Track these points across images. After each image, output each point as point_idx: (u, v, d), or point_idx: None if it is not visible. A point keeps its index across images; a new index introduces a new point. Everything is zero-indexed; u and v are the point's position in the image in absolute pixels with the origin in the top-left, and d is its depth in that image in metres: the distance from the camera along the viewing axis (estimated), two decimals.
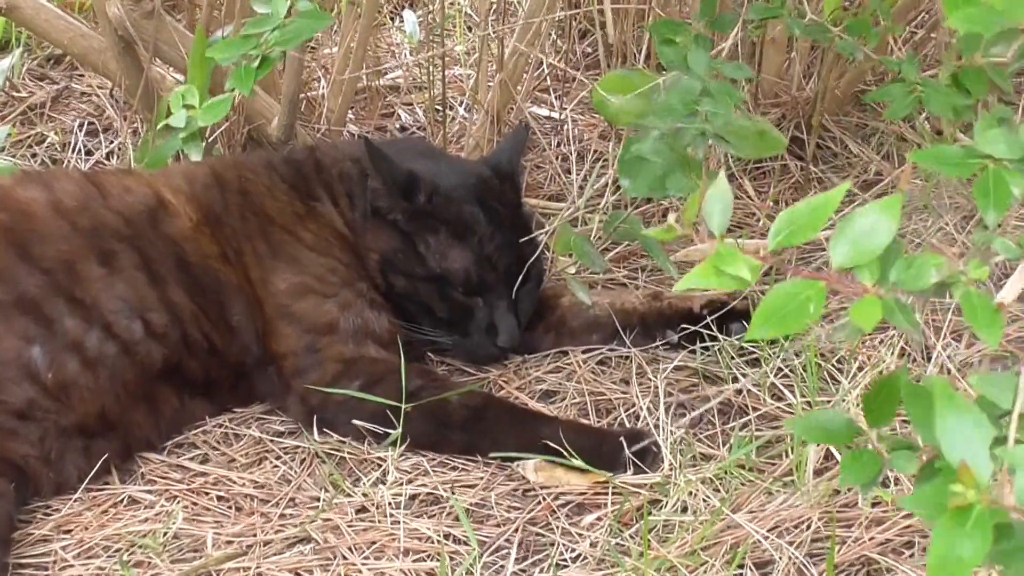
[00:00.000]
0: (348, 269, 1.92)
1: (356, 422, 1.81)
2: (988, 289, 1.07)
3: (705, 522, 1.61)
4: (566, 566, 1.61)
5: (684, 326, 1.96)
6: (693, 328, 1.95)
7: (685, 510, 1.66)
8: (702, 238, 0.98)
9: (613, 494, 1.70)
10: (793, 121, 2.37)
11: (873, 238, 0.98)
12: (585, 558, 1.61)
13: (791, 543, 1.59)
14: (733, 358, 1.92)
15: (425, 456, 1.79)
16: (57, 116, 2.56)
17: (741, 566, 1.56)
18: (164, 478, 1.78)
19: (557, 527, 1.66)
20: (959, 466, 0.92)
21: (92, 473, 1.74)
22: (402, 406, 1.78)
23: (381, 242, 1.93)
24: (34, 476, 1.72)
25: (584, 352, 1.98)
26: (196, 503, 1.74)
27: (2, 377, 1.71)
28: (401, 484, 1.73)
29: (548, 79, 2.56)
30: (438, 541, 1.64)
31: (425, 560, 1.62)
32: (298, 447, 1.83)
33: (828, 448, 1.71)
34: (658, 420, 1.82)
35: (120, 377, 1.78)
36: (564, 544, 1.64)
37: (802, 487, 1.66)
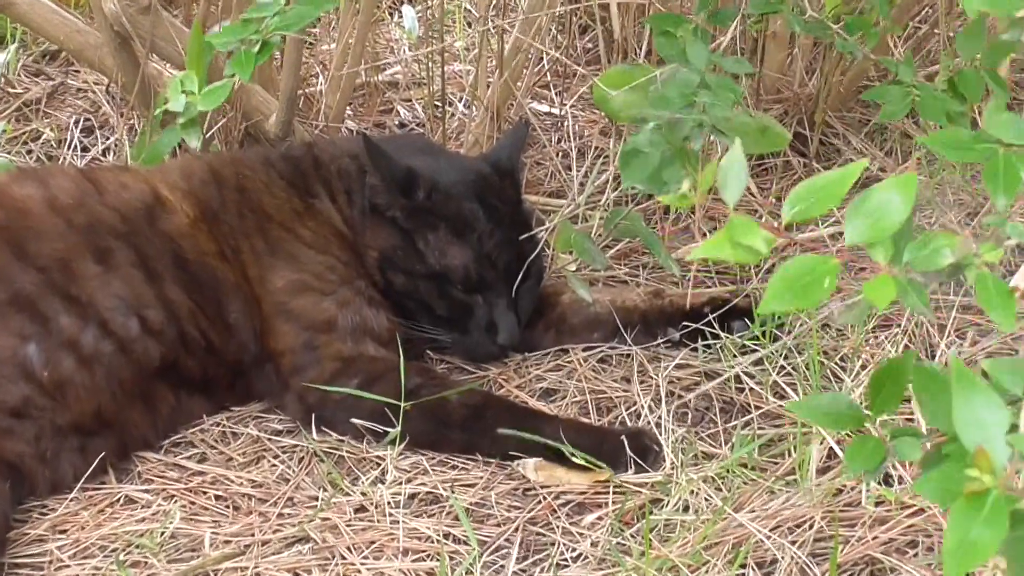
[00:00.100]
0: (346, 267, 1.92)
1: (355, 420, 1.80)
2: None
3: (707, 521, 1.60)
4: (567, 566, 1.60)
5: (686, 324, 1.95)
6: (695, 326, 1.95)
7: (687, 509, 1.65)
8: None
9: (614, 493, 1.70)
10: (795, 117, 2.36)
11: (888, 215, 0.97)
12: (586, 558, 1.61)
13: (794, 542, 1.58)
14: (735, 356, 1.91)
15: (424, 455, 1.79)
16: (53, 112, 2.56)
17: (743, 566, 1.56)
18: (161, 477, 1.77)
19: (558, 526, 1.66)
20: (975, 450, 0.90)
21: (88, 472, 1.74)
22: (401, 404, 1.77)
23: (380, 239, 1.93)
24: (30, 475, 1.71)
25: (585, 350, 1.98)
26: (193, 502, 1.73)
27: None
28: (400, 483, 1.73)
29: (548, 75, 2.55)
30: (438, 541, 1.64)
31: (425, 560, 1.62)
32: (296, 446, 1.82)
33: (831, 447, 1.70)
34: (659, 419, 1.81)
35: (116, 375, 1.77)
36: (565, 544, 1.63)
37: (805, 486, 1.66)
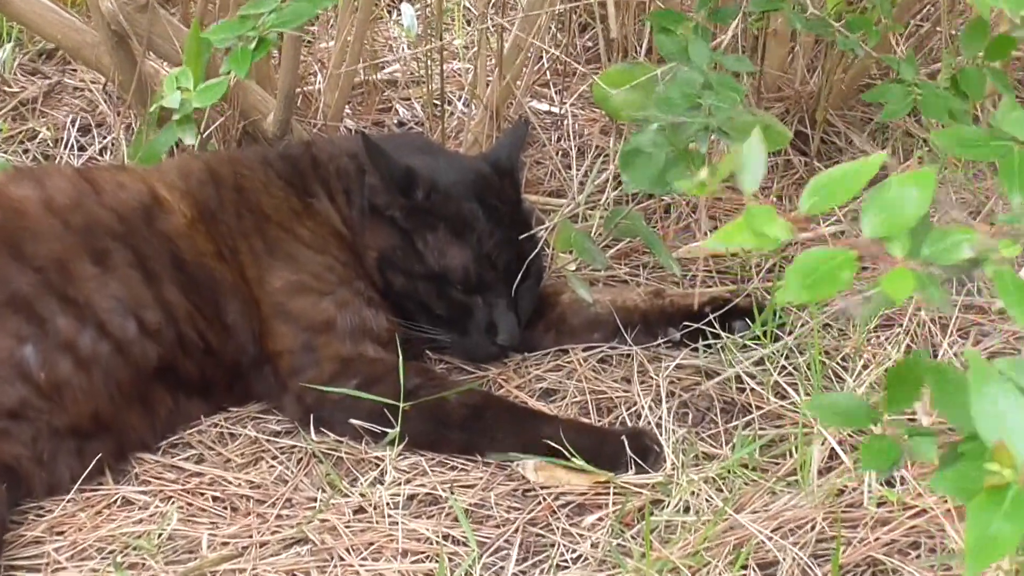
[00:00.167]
0: (345, 267, 1.91)
1: (353, 421, 1.80)
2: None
3: (708, 522, 1.60)
4: (567, 567, 1.60)
5: (686, 324, 1.95)
6: (696, 326, 1.94)
7: (687, 510, 1.65)
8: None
9: (614, 494, 1.69)
10: (797, 115, 2.36)
11: (905, 209, 0.96)
12: (586, 559, 1.61)
13: (795, 544, 1.58)
14: (736, 356, 1.90)
15: (423, 456, 1.78)
16: (49, 111, 2.55)
17: (744, 567, 1.55)
18: (159, 478, 1.77)
19: (558, 528, 1.65)
20: (995, 445, 0.90)
21: (85, 474, 1.73)
22: (400, 405, 1.77)
23: (379, 239, 1.92)
24: (26, 477, 1.70)
25: (585, 350, 1.97)
26: (191, 504, 1.72)
27: None
28: (399, 484, 1.72)
29: (548, 73, 2.55)
30: (437, 542, 1.63)
31: (424, 561, 1.61)
32: (295, 447, 1.82)
33: (832, 447, 1.70)
34: (660, 419, 1.80)
35: (114, 377, 1.76)
36: (565, 545, 1.63)
37: (806, 487, 1.65)
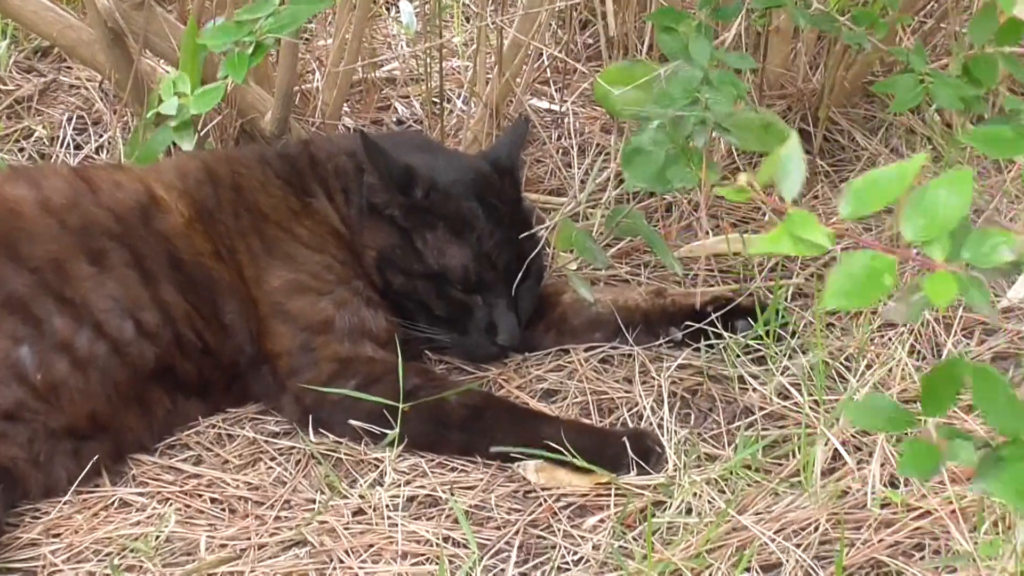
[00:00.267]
0: (344, 266, 1.90)
1: (352, 422, 1.79)
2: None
3: (710, 524, 1.59)
4: (568, 569, 1.60)
5: (688, 323, 1.94)
6: (698, 325, 1.93)
7: (690, 512, 1.65)
8: (774, 202, 0.95)
9: (616, 495, 1.69)
10: (799, 113, 2.36)
11: (944, 212, 0.96)
12: (587, 561, 1.60)
13: (798, 545, 1.57)
14: (739, 356, 1.90)
15: (423, 457, 1.78)
16: (45, 110, 2.55)
17: (747, 569, 1.55)
18: (156, 480, 1.77)
19: (559, 529, 1.65)
20: None
21: (82, 475, 1.73)
22: (399, 406, 1.76)
23: (378, 238, 1.91)
24: (22, 478, 1.70)
25: (586, 350, 1.97)
26: (189, 506, 1.72)
27: None
28: (399, 485, 1.72)
29: (548, 71, 2.54)
30: (437, 544, 1.63)
31: (424, 563, 1.61)
32: (293, 448, 1.81)
33: (836, 448, 1.69)
34: (662, 420, 1.79)
35: (111, 378, 1.76)
36: (566, 547, 1.63)
37: (809, 488, 1.65)
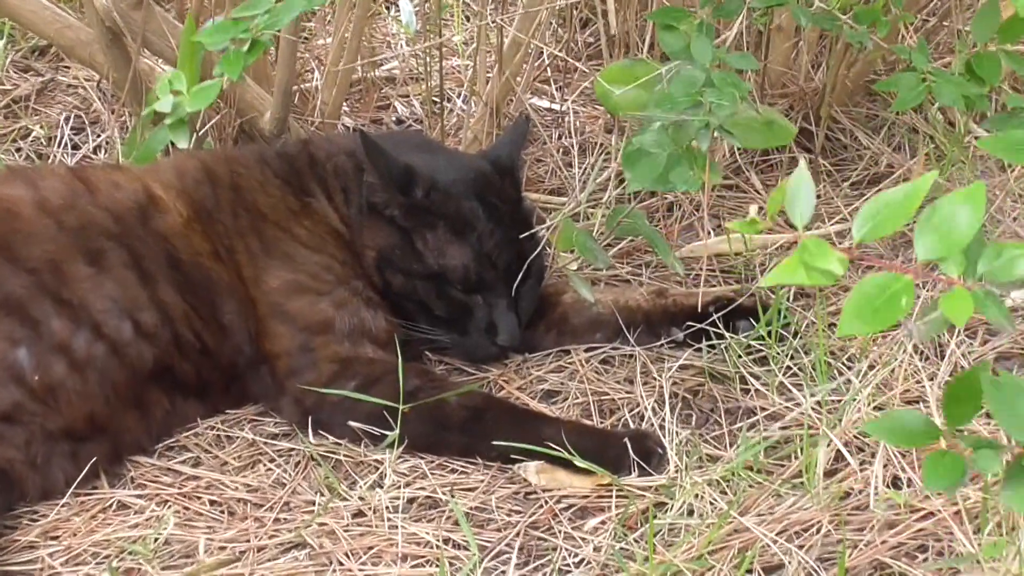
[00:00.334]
0: (343, 266, 1.90)
1: (352, 423, 1.79)
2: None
3: (712, 525, 1.59)
4: (569, 571, 1.59)
5: (690, 324, 1.94)
6: (699, 326, 1.93)
7: (691, 513, 1.64)
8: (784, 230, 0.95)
9: (617, 497, 1.68)
10: (801, 112, 2.35)
11: (957, 229, 0.96)
12: (588, 563, 1.60)
13: (801, 547, 1.57)
14: (741, 356, 1.89)
15: (423, 458, 1.77)
16: (43, 109, 2.55)
17: (749, 571, 1.54)
18: (155, 482, 1.76)
19: (560, 531, 1.65)
20: None
21: (80, 477, 1.72)
22: (399, 407, 1.76)
23: (378, 238, 1.91)
24: (20, 481, 1.69)
25: (587, 351, 1.96)
26: (188, 508, 1.72)
27: None
28: (399, 487, 1.72)
29: (549, 70, 2.54)
30: (437, 546, 1.62)
31: (424, 566, 1.60)
32: (292, 450, 1.81)
33: (838, 449, 1.68)
34: (663, 421, 1.79)
35: (109, 379, 1.75)
36: (567, 549, 1.62)
37: (812, 489, 1.64)
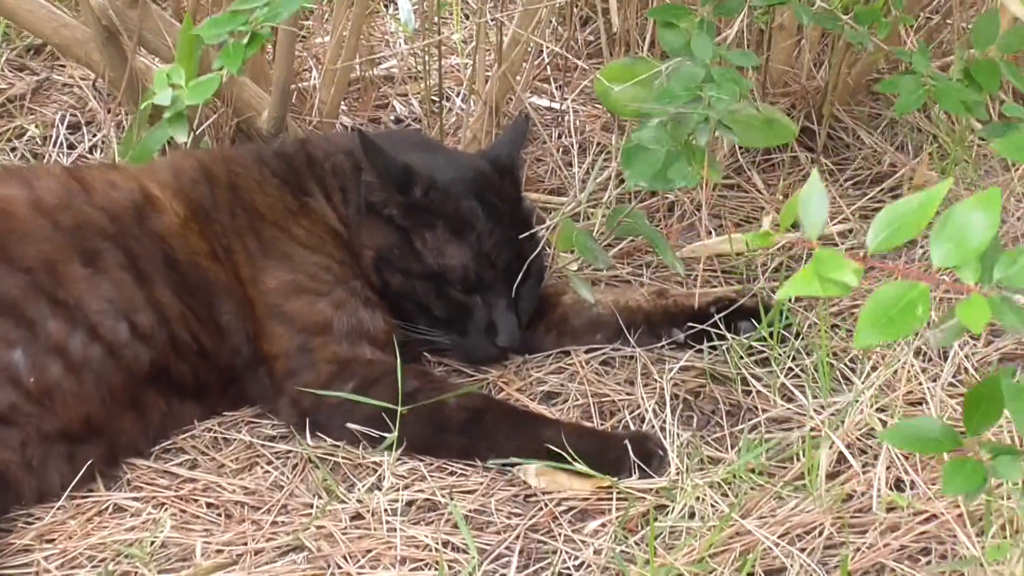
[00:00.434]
0: (342, 266, 1.90)
1: (350, 425, 1.78)
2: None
3: (713, 528, 1.59)
4: (569, 574, 1.59)
5: (691, 324, 1.94)
6: (700, 327, 1.93)
7: (692, 516, 1.64)
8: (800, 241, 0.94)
9: (618, 499, 1.68)
10: (803, 111, 2.35)
11: (973, 235, 0.96)
12: (589, 566, 1.59)
13: (803, 550, 1.57)
14: (742, 357, 1.88)
15: (422, 460, 1.77)
16: (38, 108, 2.54)
17: (751, 574, 1.54)
18: (151, 484, 1.76)
19: (560, 534, 1.64)
20: None
21: (76, 480, 1.72)
22: (398, 408, 1.75)
23: (376, 238, 1.90)
24: (15, 483, 1.69)
25: (587, 352, 1.96)
26: (184, 510, 1.71)
27: None
28: (397, 490, 1.71)
29: (549, 68, 2.53)
30: (436, 549, 1.62)
31: (423, 569, 1.60)
32: (290, 452, 1.80)
33: (840, 451, 1.68)
34: (664, 422, 1.78)
35: (106, 381, 1.75)
36: (567, 551, 1.62)
37: (814, 491, 1.64)
